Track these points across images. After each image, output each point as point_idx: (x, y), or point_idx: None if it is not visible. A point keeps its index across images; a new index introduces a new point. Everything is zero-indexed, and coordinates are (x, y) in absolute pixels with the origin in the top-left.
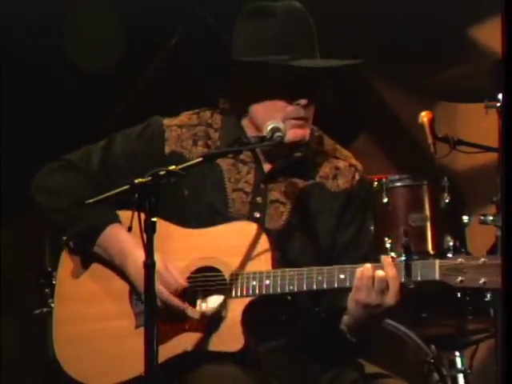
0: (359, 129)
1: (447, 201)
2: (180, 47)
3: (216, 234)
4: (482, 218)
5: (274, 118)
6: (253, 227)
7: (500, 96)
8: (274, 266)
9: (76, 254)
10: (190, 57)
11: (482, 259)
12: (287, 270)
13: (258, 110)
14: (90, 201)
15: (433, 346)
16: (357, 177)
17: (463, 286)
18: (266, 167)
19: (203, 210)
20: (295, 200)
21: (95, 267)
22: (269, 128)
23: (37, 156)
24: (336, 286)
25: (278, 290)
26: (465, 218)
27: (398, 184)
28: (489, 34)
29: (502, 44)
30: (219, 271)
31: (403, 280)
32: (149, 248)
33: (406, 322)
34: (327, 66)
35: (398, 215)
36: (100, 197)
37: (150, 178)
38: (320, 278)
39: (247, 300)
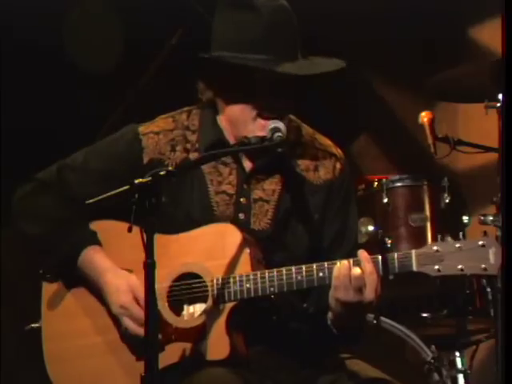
0: (359, 129)
1: (447, 201)
2: (180, 47)
3: (194, 238)
4: (482, 218)
5: (248, 114)
6: (230, 229)
7: (500, 96)
8: (253, 268)
9: (57, 281)
10: (190, 56)
11: (458, 244)
12: (266, 271)
13: (232, 107)
14: (91, 201)
15: (433, 346)
16: (338, 166)
17: (441, 275)
18: (247, 166)
19: (182, 216)
20: (278, 196)
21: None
22: (269, 128)
23: (37, 156)
24: (316, 284)
25: (259, 293)
26: (465, 219)
27: (398, 184)
28: (489, 34)
29: (501, 44)
30: (200, 277)
31: (381, 274)
32: (149, 248)
33: (406, 322)
34: (309, 74)
35: (398, 215)
36: (100, 197)
37: (150, 179)
38: (299, 277)
39: (230, 305)
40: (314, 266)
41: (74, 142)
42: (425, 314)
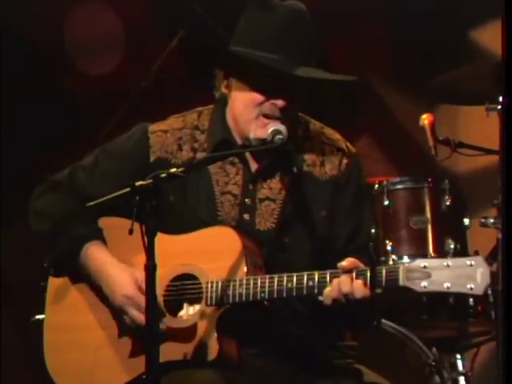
0: (360, 131)
1: (448, 203)
2: (181, 48)
3: (194, 239)
4: (483, 220)
5: (251, 112)
6: (229, 232)
7: (501, 98)
8: (248, 273)
9: (59, 276)
10: (190, 58)
11: (446, 262)
12: (259, 277)
13: (237, 99)
14: (91, 203)
15: (434, 349)
16: (344, 161)
17: (428, 291)
18: (254, 167)
19: (189, 215)
20: (285, 195)
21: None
22: (269, 130)
23: (37, 156)
24: (305, 293)
25: (250, 298)
26: (466, 221)
27: (399, 186)
28: (490, 37)
29: (501, 46)
30: (197, 278)
31: (368, 286)
32: (149, 250)
33: (407, 325)
34: (312, 77)
35: (399, 218)
36: (101, 199)
37: (150, 181)
38: (290, 285)
39: (222, 309)
40: (305, 275)
41: (73, 142)
42: (426, 317)
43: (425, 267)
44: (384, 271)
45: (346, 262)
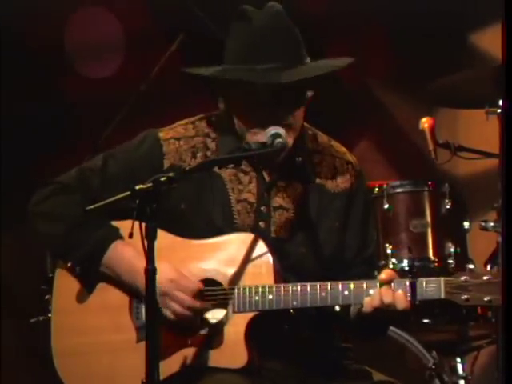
0: (360, 134)
1: (448, 207)
2: (181, 52)
3: (218, 245)
4: (483, 224)
5: (257, 126)
6: (255, 239)
7: (501, 102)
8: (276, 280)
9: (81, 276)
10: (190, 61)
11: (487, 276)
12: (290, 285)
13: (237, 117)
14: (91, 207)
15: (434, 352)
16: (353, 173)
17: (469, 304)
18: (267, 175)
19: (202, 223)
20: (298, 204)
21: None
22: (269, 134)
23: (37, 156)
24: (340, 302)
25: (281, 305)
26: (466, 224)
27: (399, 190)
28: (490, 40)
29: (501, 50)
30: (220, 284)
31: (409, 299)
32: (149, 254)
33: (408, 329)
34: (304, 77)
35: (399, 221)
36: (101, 203)
37: (150, 185)
38: (324, 294)
39: (250, 315)
40: (339, 284)
41: (73, 142)
42: (426, 320)
43: (466, 281)
44: (424, 283)
45: (384, 275)
